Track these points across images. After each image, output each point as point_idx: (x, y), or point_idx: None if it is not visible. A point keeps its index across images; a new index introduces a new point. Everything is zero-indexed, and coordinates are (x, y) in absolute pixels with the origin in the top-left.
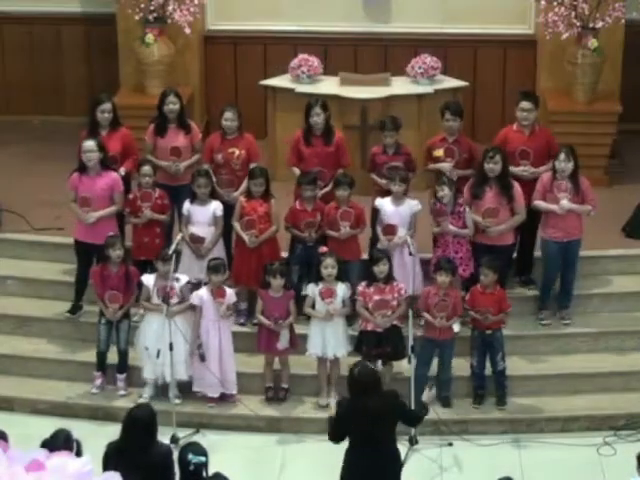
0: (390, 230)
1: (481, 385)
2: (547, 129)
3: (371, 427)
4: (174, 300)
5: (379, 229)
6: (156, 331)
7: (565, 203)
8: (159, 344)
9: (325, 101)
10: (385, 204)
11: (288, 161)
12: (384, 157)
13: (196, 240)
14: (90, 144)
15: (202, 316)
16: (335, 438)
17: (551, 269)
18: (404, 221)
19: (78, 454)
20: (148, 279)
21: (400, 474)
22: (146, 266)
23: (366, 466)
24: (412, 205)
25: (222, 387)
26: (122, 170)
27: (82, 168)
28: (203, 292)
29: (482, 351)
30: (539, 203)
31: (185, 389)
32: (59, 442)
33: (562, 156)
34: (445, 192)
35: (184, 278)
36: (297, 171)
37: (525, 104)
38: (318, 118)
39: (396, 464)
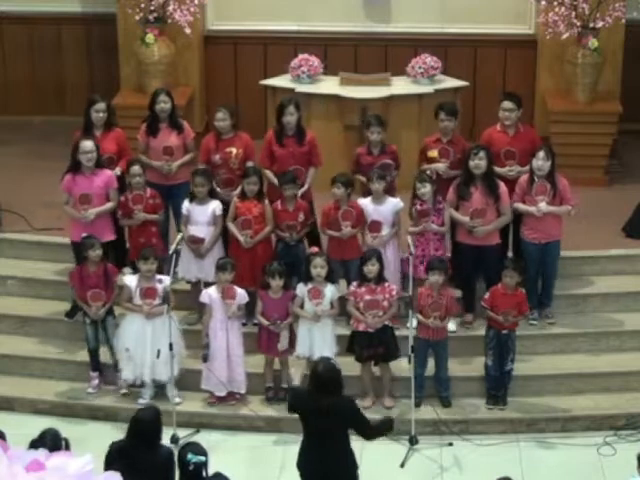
0: (375, 227)
1: (494, 386)
2: (531, 129)
3: (320, 424)
4: (156, 301)
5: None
6: (137, 332)
7: (543, 206)
8: (141, 345)
9: (298, 101)
10: (366, 203)
11: (262, 162)
12: (370, 158)
13: (195, 241)
14: (90, 144)
15: (211, 316)
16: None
17: (531, 270)
18: (386, 220)
19: (66, 451)
20: (131, 280)
21: (354, 475)
22: None
23: (315, 460)
24: (394, 203)
25: (229, 386)
26: (118, 170)
27: (75, 168)
28: (212, 291)
29: (497, 351)
30: (518, 205)
31: (187, 388)
32: (47, 441)
33: (541, 154)
34: (427, 189)
35: (167, 279)
36: (270, 174)
37: (506, 104)
38: (291, 118)
39: (345, 465)
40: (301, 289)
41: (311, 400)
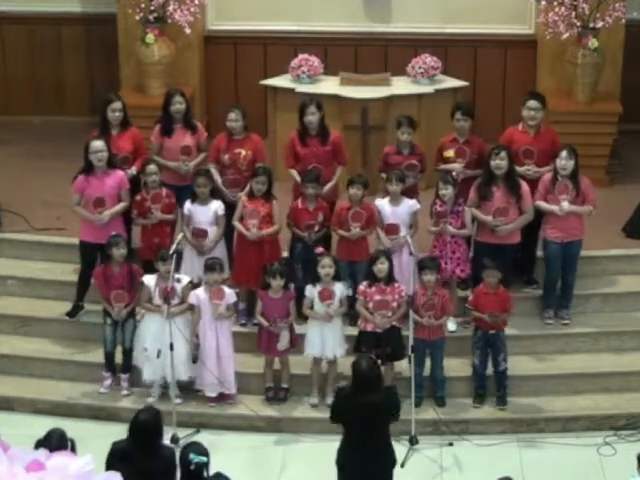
0: (392, 229)
1: (482, 385)
2: (552, 130)
3: (370, 422)
4: (175, 301)
5: (379, 229)
6: (155, 332)
7: (565, 205)
8: (159, 345)
9: (319, 100)
10: (384, 204)
11: (286, 162)
12: (399, 157)
13: (199, 234)
14: (100, 144)
15: (200, 316)
16: (335, 421)
17: (552, 269)
18: (403, 221)
19: (72, 452)
20: (149, 280)
21: (392, 471)
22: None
23: (358, 462)
24: (411, 205)
25: (221, 387)
26: (133, 169)
27: (88, 169)
28: (200, 292)
29: (485, 351)
30: (540, 203)
31: (186, 389)
32: (53, 441)
33: (564, 154)
34: (448, 191)
35: (185, 279)
36: (295, 173)
37: (532, 103)
38: (313, 117)
39: (389, 460)
40: (310, 290)
41: (359, 399)
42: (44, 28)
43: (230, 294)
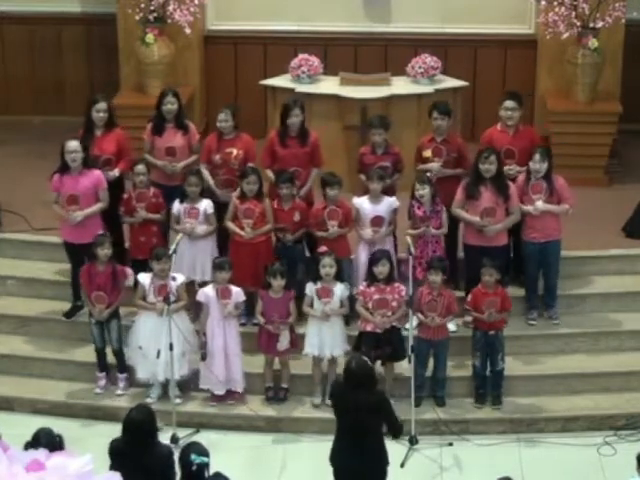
0: (378, 222)
1: (483, 385)
2: (531, 128)
3: (358, 421)
4: (171, 299)
5: (357, 226)
6: (152, 330)
7: (539, 204)
8: (155, 343)
9: (303, 102)
10: (363, 202)
11: (262, 162)
12: (372, 157)
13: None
14: (74, 144)
15: (208, 314)
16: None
17: (531, 269)
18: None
19: (61, 447)
20: (144, 278)
21: (385, 471)
22: (144, 265)
23: (350, 457)
24: (390, 202)
25: (227, 385)
26: (116, 171)
27: (63, 169)
28: (208, 290)
29: (485, 352)
30: None
31: (186, 388)
32: (42, 441)
33: (537, 157)
34: (425, 191)
35: (180, 277)
36: (271, 173)
37: (509, 103)
38: (296, 119)
39: (380, 460)
40: (310, 288)
41: (348, 397)
42: (44, 28)
43: (238, 292)
